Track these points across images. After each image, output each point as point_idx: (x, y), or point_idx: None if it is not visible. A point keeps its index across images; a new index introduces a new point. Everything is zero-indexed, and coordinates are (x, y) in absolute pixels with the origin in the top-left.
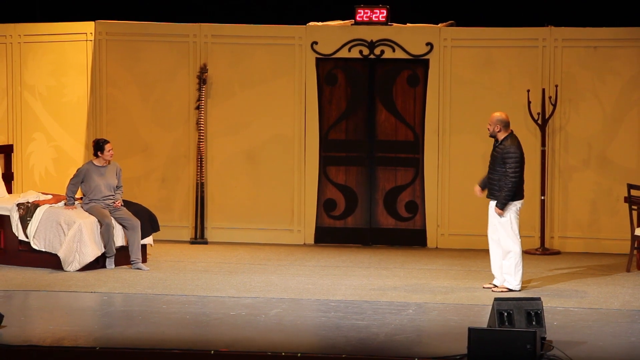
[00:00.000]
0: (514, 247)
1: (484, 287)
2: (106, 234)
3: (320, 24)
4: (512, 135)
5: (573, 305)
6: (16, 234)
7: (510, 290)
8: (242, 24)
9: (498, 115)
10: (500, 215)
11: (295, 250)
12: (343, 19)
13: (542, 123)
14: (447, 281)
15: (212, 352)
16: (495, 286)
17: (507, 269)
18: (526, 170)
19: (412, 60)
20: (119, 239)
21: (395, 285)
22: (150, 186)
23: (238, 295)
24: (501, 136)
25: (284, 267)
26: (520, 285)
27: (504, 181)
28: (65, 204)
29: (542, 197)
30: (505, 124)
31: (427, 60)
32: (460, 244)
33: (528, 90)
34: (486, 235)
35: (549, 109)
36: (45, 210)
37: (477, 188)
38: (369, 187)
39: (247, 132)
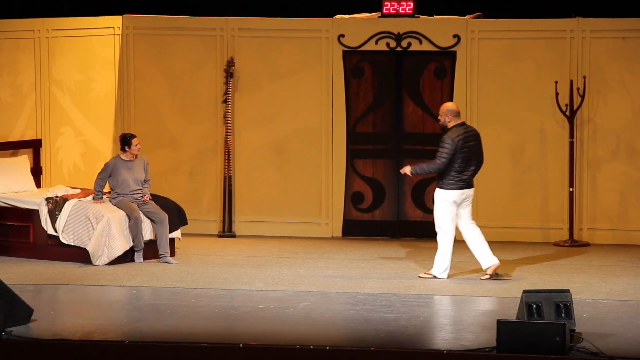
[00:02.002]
0: (442, 237)
1: (481, 278)
2: (134, 228)
3: (346, 16)
4: (457, 127)
5: (602, 297)
6: (45, 228)
7: (435, 277)
8: (268, 17)
9: (449, 105)
10: (402, 172)
11: (323, 243)
12: (370, 12)
13: (570, 114)
14: (475, 273)
15: (241, 345)
16: (486, 273)
17: (437, 253)
18: (554, 162)
19: (439, 52)
20: (147, 233)
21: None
22: (178, 180)
23: (266, 289)
24: (451, 125)
25: (312, 260)
26: (446, 273)
27: (434, 160)
28: (93, 198)
29: (571, 189)
30: (455, 114)
31: (454, 52)
32: (488, 236)
33: (556, 82)
34: (514, 227)
35: (577, 100)
36: (74, 204)
37: None
38: (397, 179)
39: (275, 125)
